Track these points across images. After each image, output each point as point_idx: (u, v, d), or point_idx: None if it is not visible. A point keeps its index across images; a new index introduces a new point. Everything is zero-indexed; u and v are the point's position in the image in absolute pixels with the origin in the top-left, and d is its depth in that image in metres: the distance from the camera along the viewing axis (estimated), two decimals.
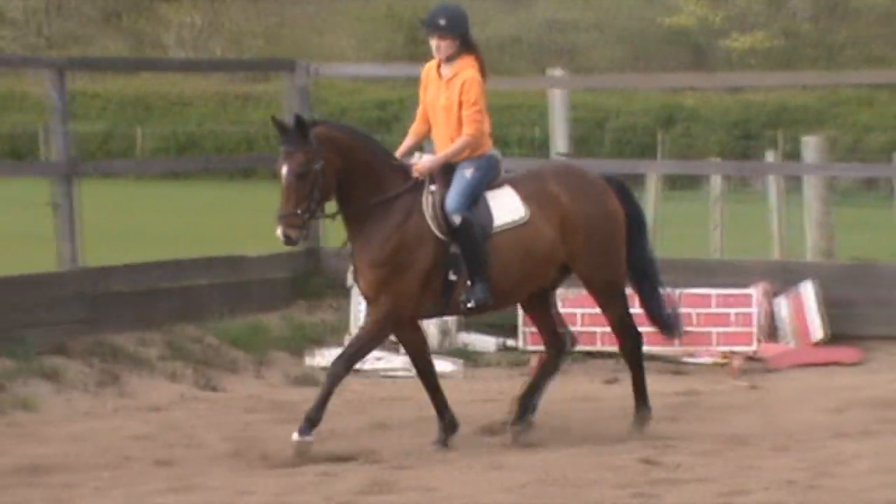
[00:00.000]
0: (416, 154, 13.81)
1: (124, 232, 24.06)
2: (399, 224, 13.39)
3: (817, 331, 18.87)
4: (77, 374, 16.92)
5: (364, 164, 13.33)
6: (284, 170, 12.96)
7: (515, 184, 13.81)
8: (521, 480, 13.01)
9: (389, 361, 18.32)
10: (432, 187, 13.46)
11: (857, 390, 17.23)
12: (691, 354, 18.65)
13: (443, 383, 16.64)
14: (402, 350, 17.45)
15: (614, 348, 17.39)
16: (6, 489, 13.16)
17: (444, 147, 13.62)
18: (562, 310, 17.25)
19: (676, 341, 15.56)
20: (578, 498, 12.34)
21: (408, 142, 13.86)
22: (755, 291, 18.67)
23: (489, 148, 13.68)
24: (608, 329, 17.24)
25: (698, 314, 18.53)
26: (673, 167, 34.84)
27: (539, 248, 13.58)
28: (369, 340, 13.90)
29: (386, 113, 37.83)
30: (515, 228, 13.51)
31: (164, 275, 19.28)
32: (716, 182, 26.76)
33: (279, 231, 12.97)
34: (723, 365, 18.51)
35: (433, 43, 13.66)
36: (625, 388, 16.66)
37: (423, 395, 16.01)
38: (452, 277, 13.47)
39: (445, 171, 13.56)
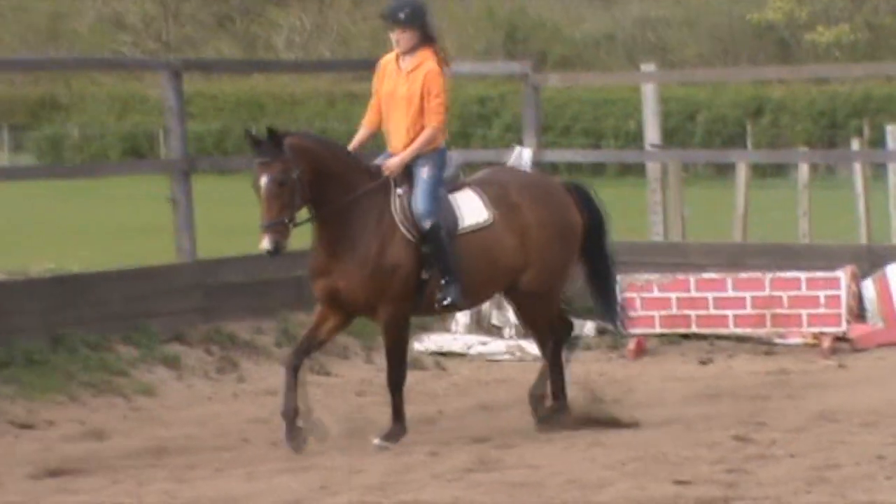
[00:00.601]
0: (383, 156, 13.70)
1: (239, 225, 23.97)
2: (375, 229, 13.35)
3: None
4: (196, 361, 17.18)
5: (335, 169, 13.23)
6: (264, 180, 12.78)
7: (479, 187, 13.77)
8: (621, 458, 12.97)
9: (493, 346, 18.47)
10: (399, 190, 13.37)
11: None
12: (782, 336, 18.56)
13: (534, 372, 17.02)
14: (506, 335, 18.80)
15: (708, 330, 18.83)
16: (133, 470, 13.20)
17: (398, 137, 13.50)
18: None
19: (623, 329, 15.63)
20: (676, 474, 12.20)
21: (361, 133, 13.79)
22: (843, 274, 18.44)
23: (441, 142, 13.61)
24: (702, 312, 18.72)
25: (789, 296, 18.45)
26: (761, 156, 33.92)
27: (501, 253, 13.58)
28: (399, 352, 13.80)
29: (485, 108, 37.92)
30: (480, 231, 13.48)
31: (277, 266, 18.56)
32: (803, 170, 26.58)
33: (266, 241, 12.84)
34: (812, 345, 18.35)
35: (393, 36, 13.51)
36: (718, 367, 17.77)
37: (526, 377, 16.25)
38: (425, 276, 13.36)
39: (406, 172, 13.51)
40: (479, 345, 18.49)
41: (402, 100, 13.32)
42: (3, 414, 15.53)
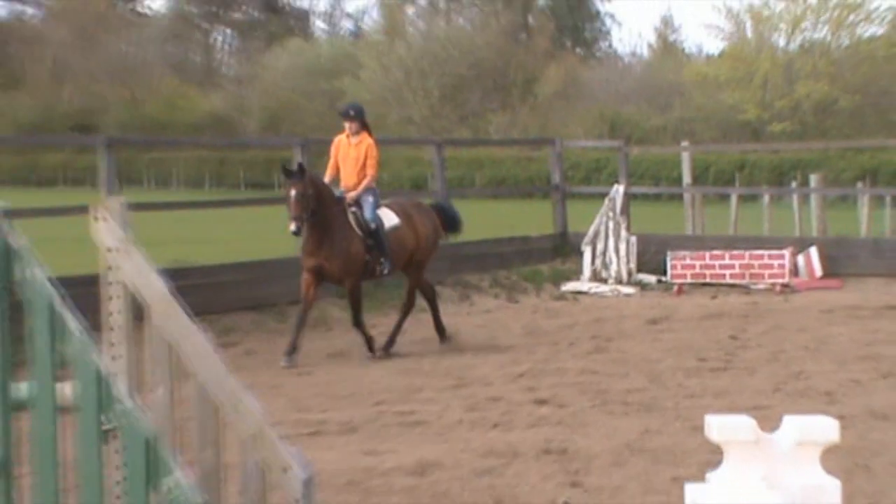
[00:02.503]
0: (340, 189, 13.57)
1: (487, 219, 24.41)
2: (341, 231, 13.19)
3: (818, 272, 18.93)
4: (448, 296, 17.07)
5: (325, 194, 13.09)
6: (293, 193, 12.72)
7: (390, 207, 13.96)
8: (668, 347, 13.54)
9: (602, 288, 18.65)
10: (353, 209, 13.46)
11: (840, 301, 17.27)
12: (755, 284, 18.50)
13: (627, 300, 17.54)
14: (610, 282, 18.78)
15: (715, 280, 18.58)
16: (407, 358, 13.46)
17: (349, 181, 13.63)
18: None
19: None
20: (699, 355, 12.87)
21: (327, 177, 13.65)
22: (787, 252, 18.57)
23: (374, 183, 13.70)
24: (712, 271, 18.66)
25: (759, 263, 18.54)
26: (750, 190, 29.15)
27: (406, 242, 13.75)
28: (357, 297, 13.44)
29: (599, 165, 38.20)
30: (395, 230, 13.67)
31: (490, 246, 19.66)
32: (766, 198, 24.82)
33: (293, 226, 12.77)
34: (771, 289, 18.31)
35: (346, 124, 13.73)
36: (721, 300, 17.52)
37: (621, 305, 17.10)
38: (368, 258, 13.37)
39: (354, 201, 13.53)
40: (595, 287, 18.75)
41: (352, 160, 13.67)
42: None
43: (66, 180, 70.99)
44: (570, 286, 18.87)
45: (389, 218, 13.68)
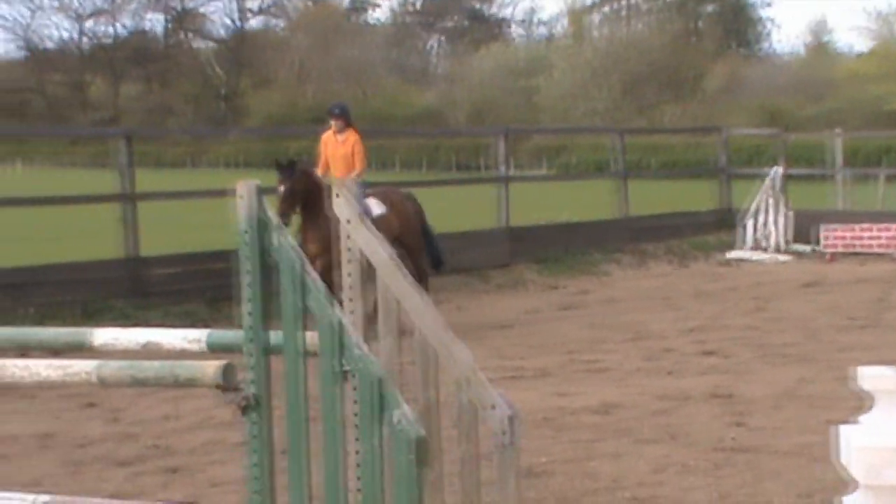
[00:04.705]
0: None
1: (660, 196, 23.60)
2: (330, 221, 11.92)
3: None
4: (627, 262, 17.27)
5: (317, 186, 11.85)
6: (282, 188, 11.65)
7: (375, 196, 12.78)
8: (822, 307, 13.43)
9: (762, 256, 18.28)
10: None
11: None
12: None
13: (784, 267, 17.24)
14: (769, 251, 18.29)
15: (863, 250, 17.99)
16: (593, 314, 13.38)
17: (339, 174, 12.47)
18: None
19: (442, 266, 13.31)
20: (849, 314, 12.66)
21: (319, 172, 12.55)
22: None
23: (363, 176, 12.64)
24: (860, 242, 18.08)
25: None
26: None
27: (391, 228, 12.16)
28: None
29: (759, 150, 36.98)
30: (381, 217, 12.25)
31: (663, 219, 19.50)
32: None
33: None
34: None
35: (332, 121, 12.65)
36: (868, 267, 16.96)
37: (778, 270, 16.79)
38: None
39: None
40: (755, 255, 18.38)
41: (340, 157, 12.60)
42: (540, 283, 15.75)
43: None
44: (733, 254, 18.62)
45: (376, 207, 12.64)
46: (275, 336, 4.07)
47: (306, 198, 11.90)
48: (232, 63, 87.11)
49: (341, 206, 4.49)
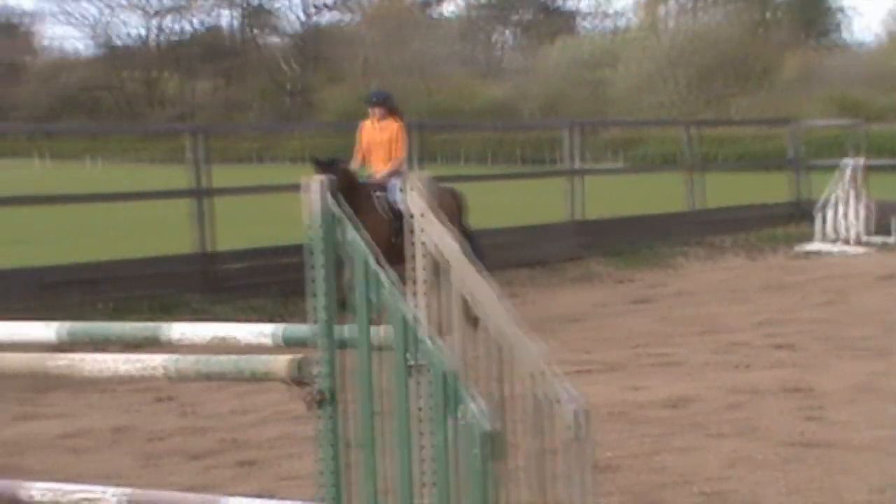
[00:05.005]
0: (368, 174, 12.13)
1: (729, 189, 23.19)
2: (368, 214, 11.14)
3: None
4: (698, 255, 17.24)
5: (354, 183, 11.36)
6: None
7: None
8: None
9: (831, 247, 18.05)
10: (378, 193, 11.84)
11: None
12: None
13: (858, 259, 17.03)
14: (838, 244, 18.10)
15: None
16: (663, 307, 13.32)
17: (378, 165, 12.21)
18: None
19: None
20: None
21: (355, 163, 12.25)
22: None
23: (404, 166, 12.21)
24: None
25: None
26: None
27: None
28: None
29: (830, 141, 36.15)
30: None
31: (733, 211, 19.44)
32: None
33: None
34: None
35: (372, 109, 12.27)
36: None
37: (848, 263, 16.62)
38: (394, 241, 10.77)
39: (382, 185, 11.95)
40: (828, 247, 18.08)
41: (378, 144, 12.22)
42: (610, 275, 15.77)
43: None
44: (807, 246, 18.40)
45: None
46: (346, 330, 4.09)
47: (346, 196, 11.40)
48: (303, 59, 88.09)
49: (414, 200, 4.51)
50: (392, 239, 11.21)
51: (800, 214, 19.87)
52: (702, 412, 7.72)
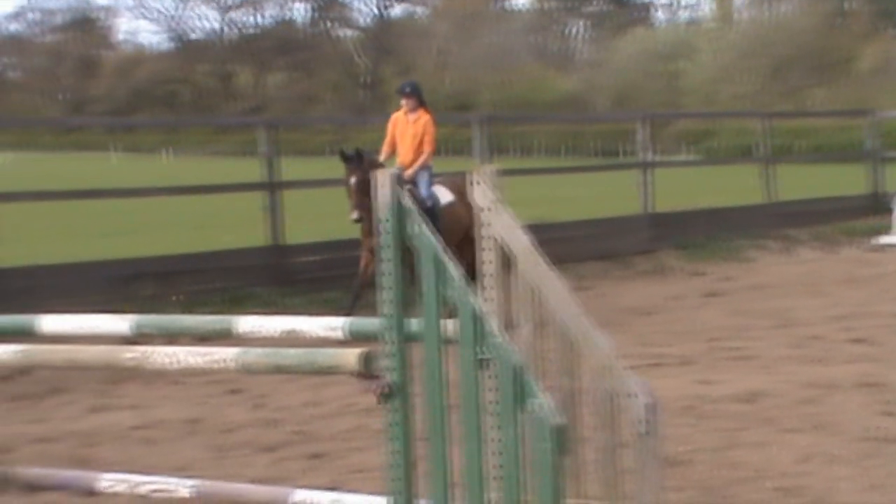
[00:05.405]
0: (397, 167, 11.64)
1: (807, 181, 23.11)
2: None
3: None
4: (773, 248, 16.97)
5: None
6: (353, 180, 11.21)
7: (443, 184, 12.24)
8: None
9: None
10: (408, 186, 11.41)
11: None
12: None
13: None
14: None
15: None
16: (737, 300, 13.12)
17: (406, 157, 12.00)
18: None
19: None
20: None
21: (384, 154, 12.01)
22: None
23: (431, 161, 12.08)
24: None
25: None
26: None
27: (461, 219, 11.62)
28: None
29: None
30: (449, 206, 11.88)
31: (809, 204, 19.21)
32: None
33: (355, 214, 11.18)
34: None
35: (403, 101, 12.10)
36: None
37: None
38: None
39: (410, 179, 11.77)
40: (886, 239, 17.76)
41: (409, 137, 12.03)
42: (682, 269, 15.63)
43: (447, 151, 72.92)
44: (882, 239, 18.06)
45: (444, 195, 12.21)
46: (415, 324, 4.11)
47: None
48: (375, 51, 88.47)
49: (480, 194, 4.51)
50: None
51: (877, 207, 19.58)
52: (776, 407, 7.63)
